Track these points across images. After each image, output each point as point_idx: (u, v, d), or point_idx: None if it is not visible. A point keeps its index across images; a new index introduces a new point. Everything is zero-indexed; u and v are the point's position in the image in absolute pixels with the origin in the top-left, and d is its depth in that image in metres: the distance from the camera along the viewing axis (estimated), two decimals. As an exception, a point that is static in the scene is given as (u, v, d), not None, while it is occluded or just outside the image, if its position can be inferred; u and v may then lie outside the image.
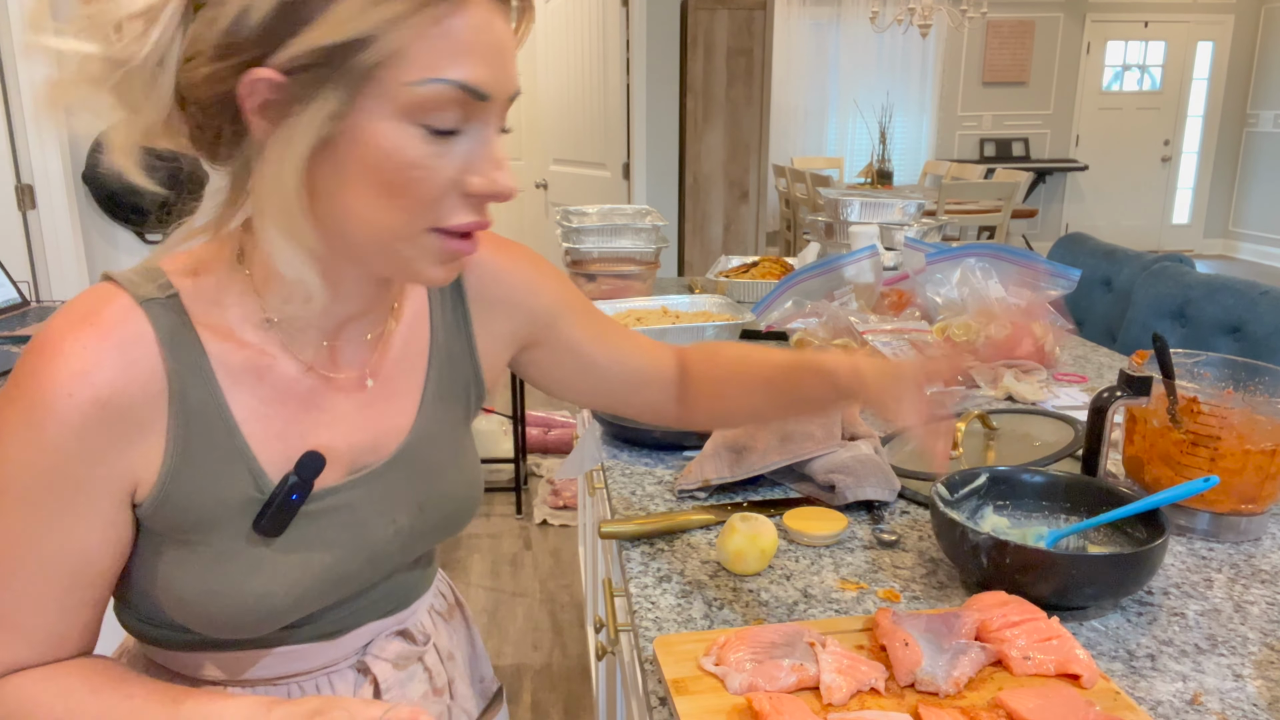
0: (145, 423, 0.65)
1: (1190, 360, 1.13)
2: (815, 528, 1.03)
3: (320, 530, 0.73)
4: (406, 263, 0.65)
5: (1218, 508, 1.04)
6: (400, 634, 0.83)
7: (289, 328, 0.71)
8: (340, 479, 0.74)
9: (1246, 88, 8.70)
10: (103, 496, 0.65)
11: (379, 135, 0.60)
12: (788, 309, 1.85)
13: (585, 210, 2.47)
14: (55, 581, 0.66)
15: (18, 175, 2.91)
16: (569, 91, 4.81)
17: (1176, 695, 0.77)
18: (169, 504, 0.67)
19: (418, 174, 0.61)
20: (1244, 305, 2.14)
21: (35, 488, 0.63)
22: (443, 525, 0.82)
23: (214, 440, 0.68)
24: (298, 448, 0.71)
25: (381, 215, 0.62)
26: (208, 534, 0.69)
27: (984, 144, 8.63)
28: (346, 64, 0.58)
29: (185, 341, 0.67)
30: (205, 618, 0.70)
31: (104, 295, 0.66)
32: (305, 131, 0.59)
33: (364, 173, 0.61)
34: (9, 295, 2.29)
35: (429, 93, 0.59)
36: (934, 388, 0.89)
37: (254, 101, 0.59)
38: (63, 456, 0.63)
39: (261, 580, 0.70)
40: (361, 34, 0.57)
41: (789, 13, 7.82)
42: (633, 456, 1.30)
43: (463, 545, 3.20)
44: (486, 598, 2.86)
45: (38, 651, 0.67)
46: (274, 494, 0.69)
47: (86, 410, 0.62)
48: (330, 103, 0.58)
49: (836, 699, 0.72)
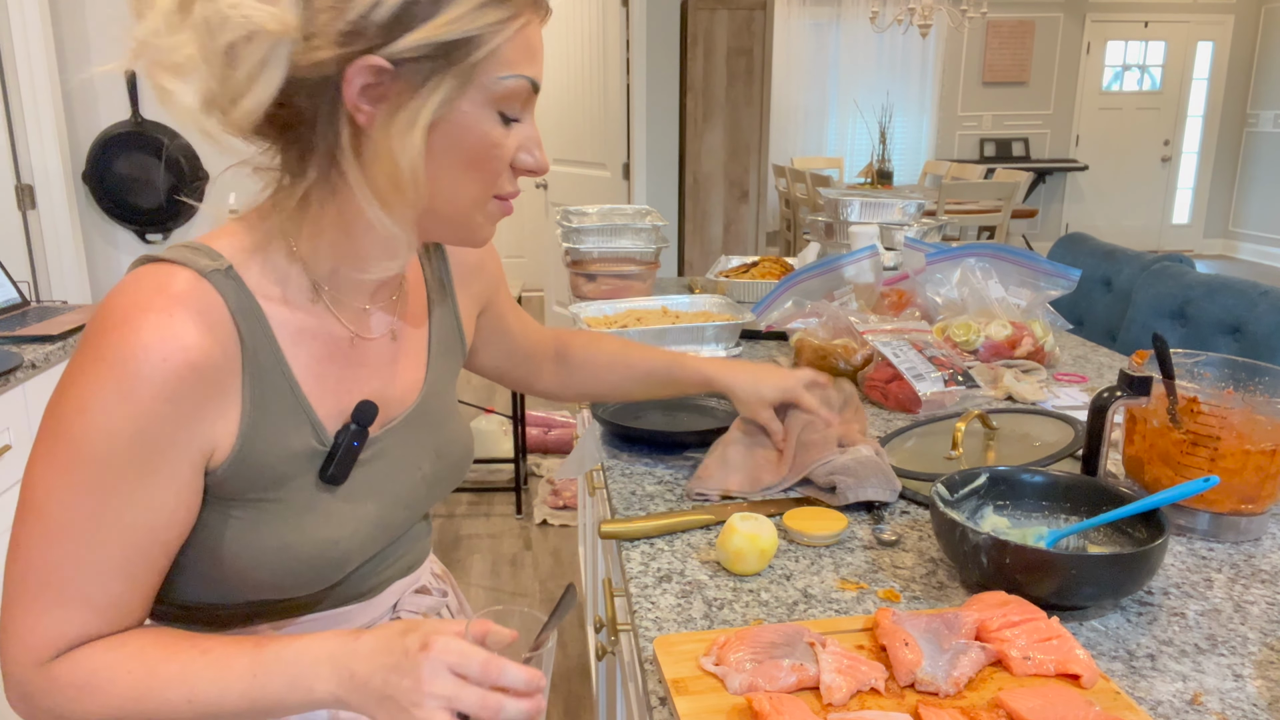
0: (226, 385, 0.70)
1: (1190, 360, 1.13)
2: (815, 528, 1.03)
3: (368, 478, 0.80)
4: (476, 227, 0.77)
5: (1218, 508, 1.04)
6: (419, 591, 0.91)
7: (334, 294, 0.78)
8: (378, 429, 0.82)
9: (1246, 88, 8.70)
10: (184, 462, 0.69)
11: (474, 119, 0.70)
12: (788, 309, 1.85)
13: (585, 210, 2.47)
14: (130, 551, 0.68)
15: (18, 175, 2.91)
16: (569, 91, 4.82)
17: (1176, 695, 0.77)
18: (246, 463, 0.72)
19: (495, 152, 0.72)
20: (1244, 305, 2.14)
21: (123, 455, 0.65)
22: (453, 471, 0.91)
23: (281, 398, 0.74)
24: (347, 401, 0.78)
25: (467, 187, 0.73)
26: (279, 489, 0.74)
27: (984, 144, 8.63)
28: (458, 58, 0.67)
29: (249, 308, 0.72)
30: (277, 575, 0.74)
31: (166, 270, 0.69)
32: (424, 114, 0.67)
33: (458, 151, 0.71)
34: (9, 295, 2.29)
35: (512, 86, 0.71)
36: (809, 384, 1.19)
37: (355, 86, 0.66)
38: (154, 421, 0.66)
39: (330, 528, 0.76)
40: (471, 33, 0.67)
41: (789, 13, 7.82)
42: (633, 456, 1.30)
43: (463, 545, 3.20)
44: (486, 598, 2.86)
45: (106, 620, 0.69)
46: (337, 442, 0.76)
47: (182, 374, 0.66)
48: (443, 90, 0.67)
49: (836, 699, 0.72)
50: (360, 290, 0.79)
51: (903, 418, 1.45)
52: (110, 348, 0.65)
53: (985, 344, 1.68)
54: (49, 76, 2.89)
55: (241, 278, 0.72)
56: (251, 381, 0.72)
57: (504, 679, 0.65)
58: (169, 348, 0.65)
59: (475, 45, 0.67)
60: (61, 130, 2.97)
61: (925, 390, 1.43)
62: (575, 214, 2.45)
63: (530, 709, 0.66)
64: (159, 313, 0.65)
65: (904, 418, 1.45)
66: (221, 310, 0.69)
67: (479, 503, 3.58)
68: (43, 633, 0.68)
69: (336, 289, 0.78)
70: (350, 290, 0.79)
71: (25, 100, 2.85)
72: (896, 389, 1.48)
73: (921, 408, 1.45)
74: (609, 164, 4.49)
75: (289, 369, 0.74)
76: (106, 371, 0.64)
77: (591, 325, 1.82)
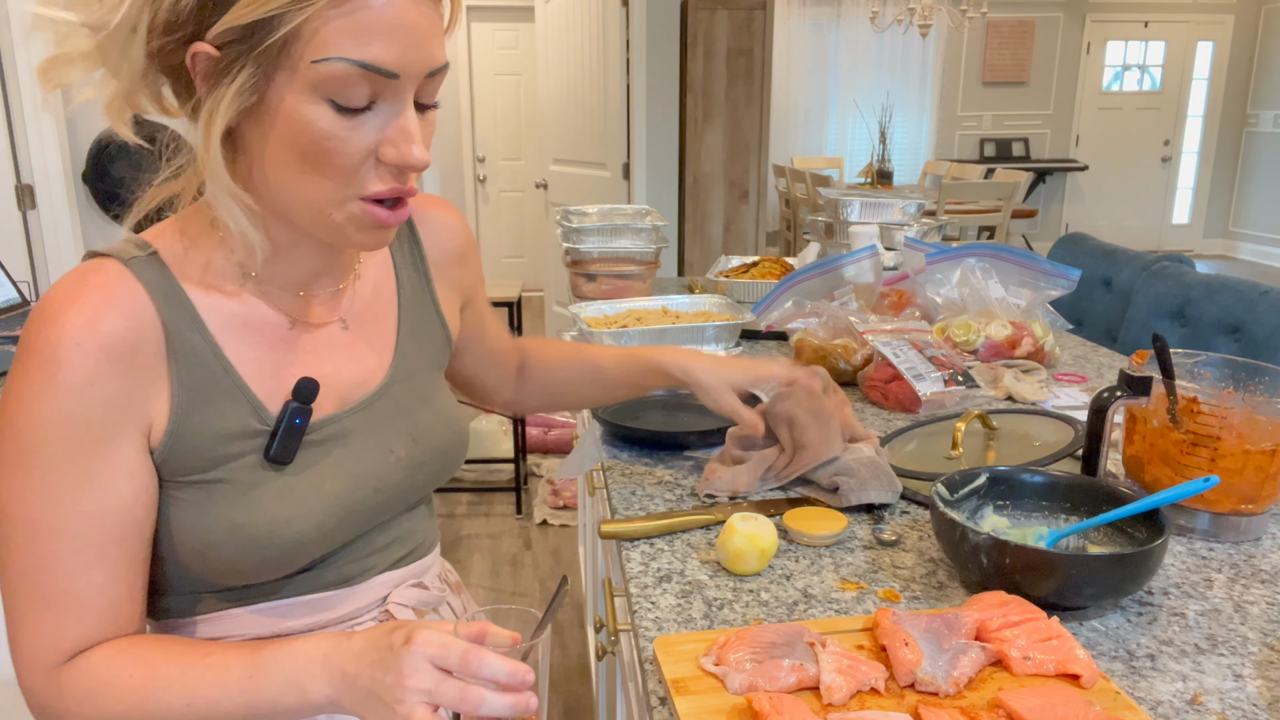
0: (150, 368, 0.70)
1: (1190, 360, 1.13)
2: (815, 528, 1.03)
3: (325, 457, 0.79)
4: (338, 229, 0.71)
5: (1218, 508, 1.04)
6: (416, 586, 0.89)
7: (265, 281, 0.77)
8: (334, 409, 0.81)
9: (1246, 88, 8.70)
10: (125, 442, 0.69)
11: (291, 109, 0.65)
12: (788, 309, 1.85)
13: (585, 210, 2.47)
14: (99, 541, 0.69)
15: (18, 175, 2.91)
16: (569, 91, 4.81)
17: (1176, 695, 0.77)
18: (181, 444, 0.72)
19: (331, 145, 0.66)
20: (1244, 305, 2.14)
21: (62, 443, 0.67)
22: (438, 457, 0.88)
23: (214, 381, 0.73)
24: (291, 382, 0.77)
25: (306, 184, 0.68)
26: (220, 468, 0.73)
27: (984, 144, 8.63)
28: (262, 41, 0.63)
29: (173, 294, 0.72)
30: (232, 557, 0.73)
31: (92, 264, 0.71)
32: (226, 101, 0.65)
33: (283, 143, 0.67)
34: (9, 295, 2.29)
35: (332, 70, 0.64)
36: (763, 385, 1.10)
37: (197, 72, 0.66)
38: (81, 406, 0.67)
39: (280, 508, 0.74)
40: (272, 13, 0.62)
41: (789, 13, 7.81)
42: (633, 456, 1.30)
43: (463, 545, 3.20)
44: (487, 597, 2.86)
45: (100, 618, 0.70)
46: (279, 419, 0.75)
47: (97, 357, 0.67)
48: (244, 75, 0.64)
49: (836, 699, 0.72)
50: (288, 278, 0.78)
51: (903, 418, 1.45)
52: (34, 339, 0.67)
53: (985, 344, 1.68)
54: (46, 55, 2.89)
55: (166, 264, 0.73)
56: (177, 364, 0.72)
57: (484, 670, 0.64)
58: (82, 335, 0.67)
59: (276, 25, 0.62)
60: (61, 130, 2.96)
61: (925, 390, 1.43)
62: (575, 214, 2.44)
63: (514, 702, 0.64)
64: (76, 301, 0.67)
65: (904, 418, 1.45)
66: (141, 295, 0.70)
67: (479, 503, 3.58)
68: (43, 640, 0.69)
69: (262, 276, 0.77)
70: (278, 277, 0.78)
71: (25, 100, 2.85)
72: (896, 389, 1.48)
73: (921, 408, 1.45)
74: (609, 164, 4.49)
75: (222, 354, 0.74)
76: (31, 363, 0.67)
77: (591, 325, 1.82)
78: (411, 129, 0.68)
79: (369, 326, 0.85)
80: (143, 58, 0.67)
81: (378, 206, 0.70)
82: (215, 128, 0.66)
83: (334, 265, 0.82)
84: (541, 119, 5.30)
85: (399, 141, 0.68)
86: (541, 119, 5.30)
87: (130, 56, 0.67)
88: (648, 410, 1.46)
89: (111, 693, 0.68)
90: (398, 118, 0.68)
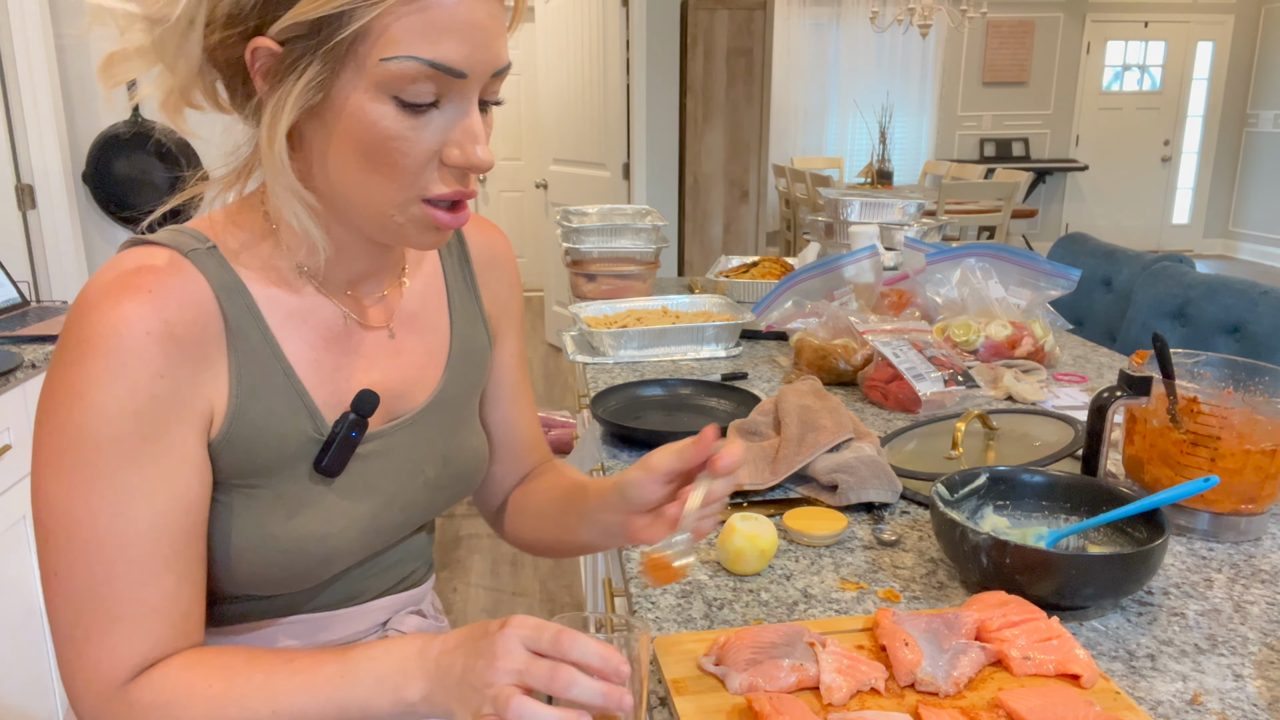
0: (212, 359, 0.68)
1: (1190, 360, 1.13)
2: (815, 528, 1.03)
3: (366, 474, 0.76)
4: (398, 229, 0.69)
5: (1218, 508, 1.04)
6: (415, 613, 0.87)
7: (317, 278, 0.75)
8: (381, 424, 0.78)
9: (1246, 88, 8.70)
10: (191, 436, 0.67)
11: (357, 107, 0.63)
12: (788, 309, 1.85)
13: (585, 210, 2.47)
14: (170, 541, 0.66)
15: (18, 175, 2.91)
16: (569, 91, 4.81)
17: (1176, 695, 0.77)
18: (235, 443, 0.69)
19: (396, 145, 0.64)
20: (1244, 305, 2.14)
21: (132, 437, 0.64)
22: (458, 482, 0.86)
23: (272, 381, 0.71)
24: (346, 390, 0.75)
25: (370, 184, 0.66)
26: (270, 476, 0.71)
27: (984, 144, 8.63)
28: (330, 37, 0.61)
29: (233, 288, 0.70)
30: (260, 567, 0.71)
31: (146, 251, 0.68)
32: (292, 99, 0.63)
33: (347, 142, 0.65)
34: (9, 295, 2.29)
35: (400, 69, 0.62)
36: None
37: (257, 68, 0.64)
38: (151, 398, 0.64)
39: (319, 522, 0.72)
40: (341, 9, 0.60)
41: (789, 13, 7.81)
42: (633, 456, 1.30)
43: (463, 545, 3.20)
44: (486, 598, 2.86)
45: (173, 626, 0.67)
46: (335, 431, 0.73)
47: (166, 347, 0.65)
48: (310, 72, 0.63)
49: (836, 699, 0.72)
50: (339, 277, 0.76)
51: (903, 418, 1.45)
52: (93, 326, 0.63)
53: (985, 344, 1.68)
54: (49, 76, 2.89)
55: (225, 258, 0.70)
56: (238, 359, 0.69)
57: (575, 652, 0.61)
58: (150, 322, 0.64)
59: (345, 21, 0.61)
60: (61, 130, 2.96)
61: (925, 390, 1.43)
62: (575, 214, 2.45)
63: (606, 691, 0.60)
64: (138, 289, 0.64)
65: (904, 418, 1.45)
66: (203, 287, 0.68)
67: (479, 503, 3.58)
68: (112, 654, 0.64)
69: (320, 273, 0.75)
70: (329, 277, 0.75)
71: (25, 100, 2.85)
72: (896, 389, 1.48)
73: (921, 408, 1.45)
74: (609, 164, 4.49)
75: (281, 352, 0.72)
76: (94, 352, 0.62)
77: (592, 325, 1.82)
78: (477, 129, 0.66)
79: (420, 337, 0.82)
80: (200, 53, 0.66)
81: (438, 209, 0.68)
82: (280, 125, 0.64)
83: (382, 266, 0.79)
84: (541, 119, 5.30)
85: (464, 142, 0.66)
86: (541, 119, 5.30)
87: (187, 52, 0.65)
88: (648, 410, 1.46)
89: (189, 704, 0.64)
90: (464, 118, 0.66)
